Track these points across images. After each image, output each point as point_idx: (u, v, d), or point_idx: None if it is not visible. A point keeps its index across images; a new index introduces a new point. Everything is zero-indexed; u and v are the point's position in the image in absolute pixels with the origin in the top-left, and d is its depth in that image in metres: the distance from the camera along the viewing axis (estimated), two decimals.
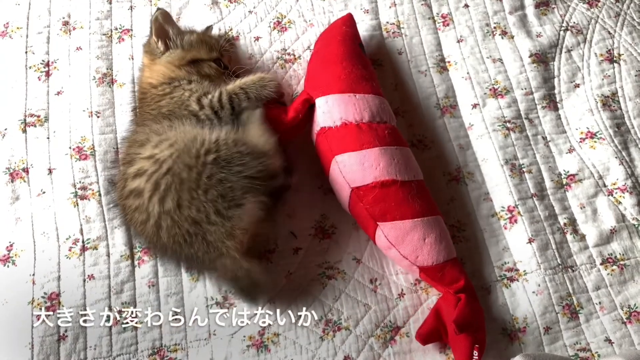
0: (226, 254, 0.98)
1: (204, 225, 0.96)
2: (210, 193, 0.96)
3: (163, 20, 1.13)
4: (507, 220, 1.13)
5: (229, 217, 0.97)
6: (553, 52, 1.32)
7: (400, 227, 1.02)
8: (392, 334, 1.04)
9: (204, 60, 1.14)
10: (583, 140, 1.22)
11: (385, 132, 1.07)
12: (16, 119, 1.20)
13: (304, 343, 1.02)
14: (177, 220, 0.96)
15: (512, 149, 1.19)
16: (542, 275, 1.08)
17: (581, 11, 1.38)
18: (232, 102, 1.08)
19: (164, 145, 1.00)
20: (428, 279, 1.04)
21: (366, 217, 1.04)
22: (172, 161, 0.97)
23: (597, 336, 1.04)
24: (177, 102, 1.08)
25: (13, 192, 1.13)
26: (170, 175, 0.96)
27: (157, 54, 1.14)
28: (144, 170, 0.99)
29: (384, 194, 1.03)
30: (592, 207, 1.15)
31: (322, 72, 1.15)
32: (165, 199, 0.96)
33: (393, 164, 1.05)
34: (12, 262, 1.07)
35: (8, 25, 1.32)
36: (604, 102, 1.25)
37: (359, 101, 1.09)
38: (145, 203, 0.98)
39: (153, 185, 0.97)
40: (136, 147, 1.03)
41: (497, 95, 1.26)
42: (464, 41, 1.33)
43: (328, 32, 1.23)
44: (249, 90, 1.10)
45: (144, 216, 0.98)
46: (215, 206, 0.96)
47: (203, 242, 0.97)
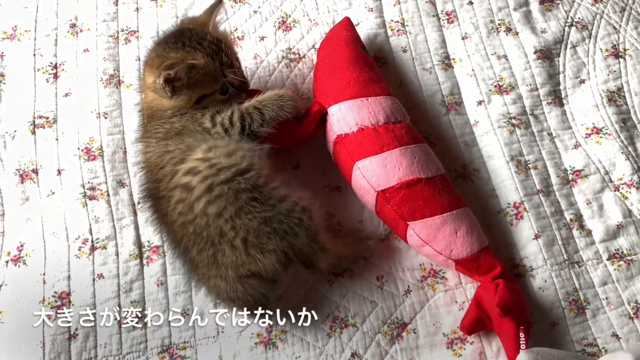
0: (222, 278, 0.98)
1: (224, 243, 0.96)
2: (252, 222, 0.96)
3: (174, 74, 1.01)
4: (513, 216, 1.13)
5: (249, 253, 0.96)
6: (558, 48, 1.32)
7: (431, 224, 1.03)
8: (399, 331, 1.04)
9: (208, 95, 1.06)
10: (589, 136, 1.21)
11: (402, 132, 1.08)
12: (25, 120, 1.22)
13: (311, 340, 1.03)
14: (209, 224, 0.97)
15: (517, 145, 1.20)
16: (548, 271, 1.08)
17: (586, 6, 1.38)
18: (243, 121, 1.04)
19: (220, 151, 1.00)
20: (464, 270, 1.05)
21: (395, 218, 1.05)
22: (232, 174, 0.98)
23: (604, 331, 1.04)
24: (189, 120, 1.05)
25: (23, 193, 1.15)
26: (228, 186, 0.97)
27: (164, 96, 1.05)
28: (198, 170, 0.99)
29: (410, 193, 1.03)
30: (598, 203, 1.15)
31: (330, 80, 1.14)
32: (212, 203, 0.97)
33: (415, 163, 1.05)
34: (23, 262, 1.09)
35: (16, 28, 1.34)
36: (610, 98, 1.25)
37: (372, 104, 1.09)
38: (191, 199, 0.98)
39: (206, 188, 0.97)
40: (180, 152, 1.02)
41: (502, 92, 1.26)
42: (468, 38, 1.33)
43: (330, 39, 1.23)
44: (265, 110, 1.06)
45: (186, 208, 0.98)
46: (246, 235, 0.96)
47: (212, 257, 0.98)
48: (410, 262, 1.10)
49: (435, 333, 1.04)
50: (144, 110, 1.12)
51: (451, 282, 1.08)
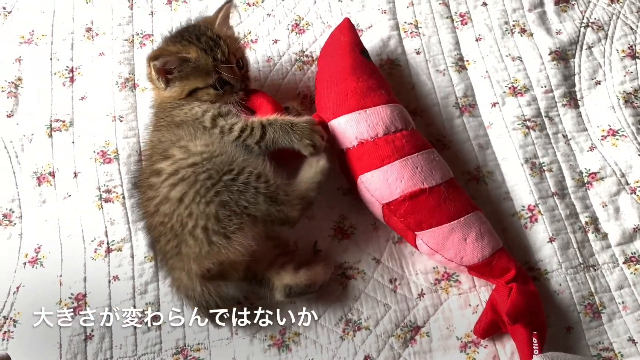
0: (185, 270, 0.98)
1: (186, 234, 0.96)
2: (209, 207, 0.96)
3: (160, 65, 1.05)
4: (528, 219, 1.12)
5: (211, 241, 0.96)
6: (573, 49, 1.30)
7: (438, 233, 1.02)
8: (412, 334, 1.04)
9: (201, 89, 1.07)
10: (605, 138, 1.20)
11: (402, 142, 1.06)
12: (42, 124, 1.23)
13: (324, 343, 1.03)
14: (171, 211, 0.97)
15: (532, 147, 1.19)
16: (563, 275, 1.07)
17: (602, 7, 1.36)
18: (242, 133, 1.03)
19: (199, 142, 1.01)
20: (478, 274, 1.05)
21: (403, 228, 1.04)
22: (200, 159, 0.98)
23: (620, 336, 1.03)
24: (189, 115, 1.06)
25: (40, 196, 1.17)
26: (192, 170, 0.97)
27: (159, 87, 1.09)
28: (172, 155, 1.00)
29: (414, 204, 1.03)
30: (614, 206, 1.14)
31: (328, 93, 1.13)
32: (175, 187, 0.97)
33: (417, 173, 1.04)
34: (40, 264, 1.10)
35: (33, 32, 1.35)
36: (626, 99, 1.24)
37: (370, 116, 1.08)
38: (158, 183, 0.99)
39: (173, 170, 0.98)
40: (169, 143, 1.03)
41: (516, 94, 1.25)
42: (482, 39, 1.32)
43: (328, 47, 1.21)
44: (269, 129, 1.04)
45: (153, 194, 1.00)
46: (206, 222, 0.95)
47: (176, 248, 0.98)
48: (423, 265, 1.10)
49: (448, 336, 1.04)
50: (153, 103, 1.15)
51: (465, 285, 1.08)
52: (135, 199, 1.09)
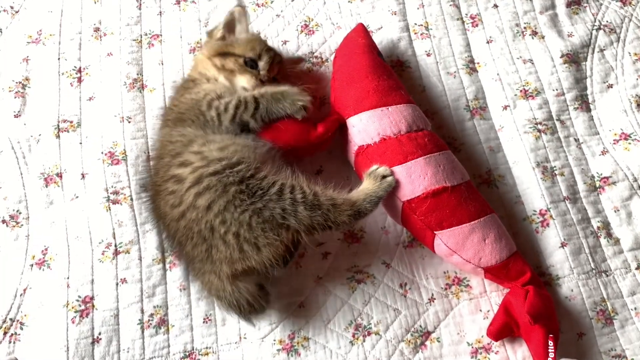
0: (215, 273, 0.98)
1: (216, 240, 0.96)
2: (243, 215, 0.96)
3: (238, 17, 1.16)
4: (539, 224, 1.11)
5: (242, 249, 0.96)
6: (585, 52, 1.29)
7: (458, 233, 1.02)
8: (423, 339, 1.03)
9: (233, 55, 1.13)
10: (617, 142, 1.19)
11: (425, 140, 1.06)
12: (50, 124, 1.23)
13: (333, 347, 1.02)
14: (200, 217, 0.97)
15: (543, 151, 1.18)
16: (575, 280, 1.06)
17: (614, 9, 1.35)
18: (237, 109, 1.05)
19: (213, 146, 1.01)
20: (494, 277, 1.04)
21: (422, 228, 1.03)
22: (221, 167, 0.98)
23: (632, 342, 1.02)
24: (192, 101, 1.07)
25: (47, 197, 1.16)
26: (217, 179, 0.97)
27: (213, 39, 1.17)
28: (190, 162, 1.00)
29: (436, 202, 1.02)
30: (626, 210, 1.12)
31: (349, 90, 1.13)
32: (201, 195, 0.97)
33: (440, 171, 1.04)
34: (47, 266, 1.09)
35: (41, 32, 1.35)
36: (639, 103, 1.22)
37: (393, 113, 1.08)
38: (182, 191, 0.99)
39: (195, 179, 0.98)
40: (180, 145, 1.03)
41: (527, 97, 1.24)
42: (493, 42, 1.31)
43: (345, 47, 1.21)
44: (261, 100, 1.06)
45: (177, 201, 0.99)
46: (238, 229, 0.96)
47: (206, 252, 0.97)
48: (434, 269, 1.09)
49: (459, 342, 1.03)
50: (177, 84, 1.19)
51: (475, 290, 1.07)
52: (149, 202, 1.08)
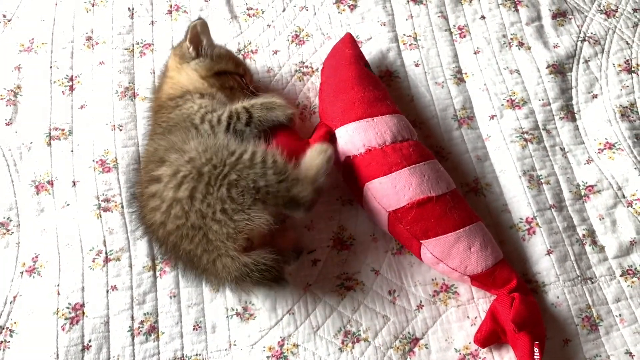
0: (225, 254, 0.97)
1: (209, 222, 0.96)
2: (221, 191, 0.96)
3: (200, 30, 1.14)
4: (526, 231, 1.13)
5: (234, 219, 0.96)
6: (570, 63, 1.32)
7: (444, 242, 1.03)
8: (411, 346, 1.04)
9: (231, 73, 1.17)
10: (601, 151, 1.21)
11: (410, 150, 1.08)
12: (41, 132, 1.23)
13: (323, 354, 1.03)
14: (186, 210, 0.97)
15: (530, 160, 1.20)
16: (561, 287, 1.08)
17: (598, 21, 1.38)
18: (230, 120, 1.07)
19: (193, 142, 1.01)
20: (480, 285, 1.05)
21: (408, 237, 1.05)
22: (196, 153, 0.99)
23: (617, 349, 1.03)
24: (183, 115, 1.08)
25: (38, 204, 1.16)
26: (191, 165, 0.98)
27: (187, 59, 1.15)
28: (167, 159, 1.00)
29: (421, 212, 1.03)
30: (611, 218, 1.14)
31: (335, 101, 1.14)
32: (180, 187, 0.97)
33: (425, 181, 1.05)
34: (37, 273, 1.10)
35: (33, 40, 1.35)
36: (623, 113, 1.25)
37: (378, 125, 1.09)
38: (161, 189, 0.99)
39: (172, 172, 0.98)
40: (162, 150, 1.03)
41: (514, 107, 1.26)
42: (480, 52, 1.34)
43: (332, 58, 1.22)
44: (253, 110, 1.09)
45: (158, 202, 0.99)
46: (222, 205, 0.96)
47: (204, 238, 0.97)
48: (422, 276, 1.10)
49: (447, 348, 1.04)
50: (153, 104, 1.18)
51: (463, 297, 1.08)
52: (136, 212, 1.09)
